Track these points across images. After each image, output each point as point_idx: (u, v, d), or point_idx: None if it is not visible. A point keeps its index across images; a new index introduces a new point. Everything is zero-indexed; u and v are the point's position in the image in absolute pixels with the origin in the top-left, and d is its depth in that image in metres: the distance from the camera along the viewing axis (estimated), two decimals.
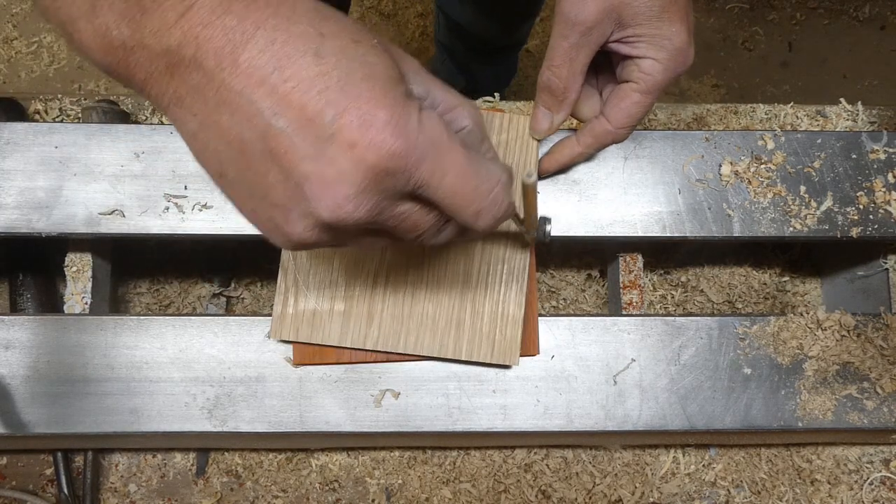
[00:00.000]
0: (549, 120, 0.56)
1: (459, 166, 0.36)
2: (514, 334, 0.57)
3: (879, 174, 0.64)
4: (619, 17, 0.50)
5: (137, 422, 0.58)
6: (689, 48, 0.50)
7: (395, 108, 0.33)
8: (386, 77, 0.34)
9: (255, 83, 0.32)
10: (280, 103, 0.33)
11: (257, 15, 0.33)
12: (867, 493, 0.66)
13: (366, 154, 0.33)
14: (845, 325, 0.61)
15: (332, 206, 0.34)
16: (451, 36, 1.30)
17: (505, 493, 0.66)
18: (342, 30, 0.34)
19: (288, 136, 0.33)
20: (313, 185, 0.33)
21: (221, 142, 0.34)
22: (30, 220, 0.60)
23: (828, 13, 1.83)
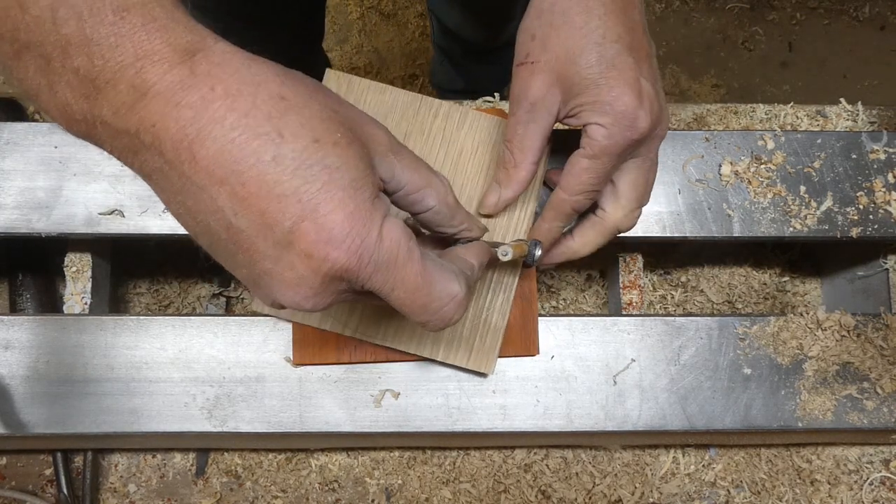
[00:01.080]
0: (496, 195, 0.55)
1: (410, 283, 0.37)
2: (493, 343, 0.57)
3: (879, 174, 0.64)
4: (562, 91, 0.49)
5: (137, 422, 0.58)
6: (638, 111, 0.47)
7: (353, 223, 0.34)
8: (347, 182, 0.34)
9: (216, 182, 0.33)
10: (241, 205, 0.33)
11: (214, 108, 0.32)
12: (867, 493, 0.66)
13: (321, 266, 0.34)
14: (845, 325, 0.61)
15: (293, 301, 0.35)
16: (446, 39, 1.30)
17: (505, 494, 0.66)
18: (302, 126, 0.34)
19: (249, 235, 0.33)
20: (273, 282, 0.35)
21: (189, 218, 0.35)
22: (30, 220, 0.60)
23: (828, 13, 1.83)
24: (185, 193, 0.34)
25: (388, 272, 0.36)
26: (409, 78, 1.74)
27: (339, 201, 0.33)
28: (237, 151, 0.32)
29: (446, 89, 1.50)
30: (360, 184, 0.35)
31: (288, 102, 0.34)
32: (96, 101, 0.32)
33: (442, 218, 0.43)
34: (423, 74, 1.74)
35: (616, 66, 0.47)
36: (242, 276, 0.36)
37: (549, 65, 0.48)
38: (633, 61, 0.47)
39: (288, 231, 0.33)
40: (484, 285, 0.57)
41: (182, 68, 0.32)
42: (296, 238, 0.33)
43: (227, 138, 0.32)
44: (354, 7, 1.78)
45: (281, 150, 0.33)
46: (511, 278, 0.58)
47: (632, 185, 0.52)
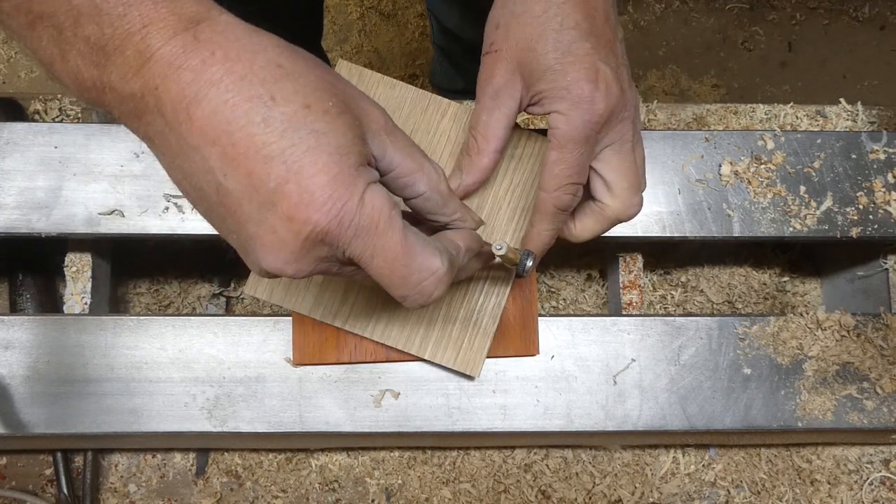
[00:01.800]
0: (457, 181, 0.54)
1: (390, 252, 0.38)
2: (481, 346, 0.57)
3: (879, 174, 0.64)
4: (523, 79, 0.49)
5: (137, 422, 0.58)
6: (594, 94, 0.46)
7: (335, 186, 0.35)
8: (334, 148, 0.35)
9: (208, 142, 0.34)
10: (230, 166, 0.34)
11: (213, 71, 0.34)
12: (867, 493, 0.66)
13: (301, 227, 0.35)
14: (845, 325, 0.61)
15: (274, 266, 0.36)
16: (446, 39, 1.30)
17: (505, 494, 0.66)
18: (295, 92, 0.35)
19: (236, 197, 0.35)
20: (256, 245, 0.36)
21: (185, 183, 0.36)
22: (30, 220, 0.60)
23: (828, 13, 1.83)
24: (182, 155, 0.35)
25: (368, 238, 0.37)
26: (409, 78, 1.74)
27: (322, 165, 0.34)
28: (229, 112, 0.33)
29: (446, 89, 1.50)
30: (346, 150, 0.36)
31: (284, 70, 0.35)
32: (105, 68, 0.34)
33: (433, 205, 0.44)
34: (423, 74, 1.74)
35: (572, 52, 0.47)
36: (233, 241, 0.38)
37: (511, 52, 0.49)
38: (589, 46, 0.47)
39: (272, 192, 0.34)
40: (477, 287, 0.57)
41: (186, 35, 0.34)
42: (279, 199, 0.34)
43: (222, 99, 0.33)
44: (354, 7, 1.78)
45: (271, 112, 0.34)
46: (504, 282, 0.57)
47: (619, 173, 0.50)
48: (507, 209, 0.58)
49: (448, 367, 0.58)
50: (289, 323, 0.59)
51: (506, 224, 0.58)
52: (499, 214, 0.58)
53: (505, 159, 0.59)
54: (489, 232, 0.58)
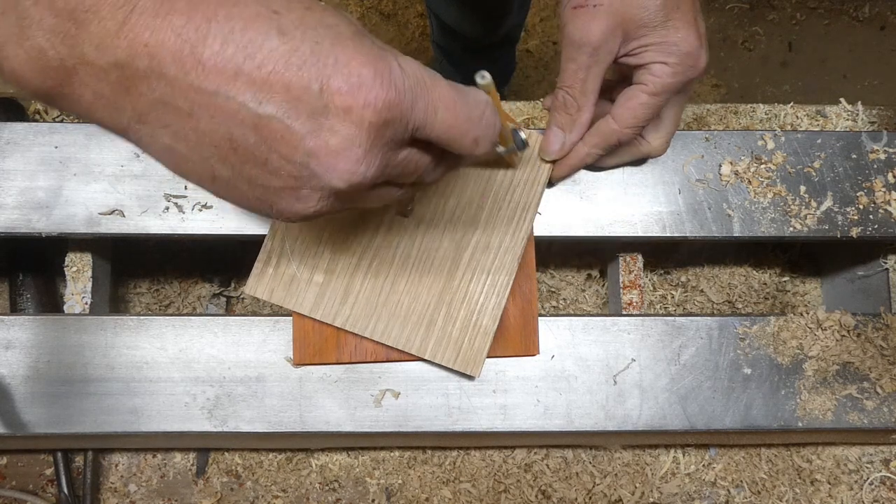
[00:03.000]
0: (560, 140, 0.57)
1: (448, 99, 0.37)
2: (481, 345, 0.57)
3: (879, 174, 0.64)
4: (624, 32, 0.50)
5: (137, 422, 0.58)
6: (701, 51, 0.51)
7: (374, 62, 0.33)
8: (352, 34, 0.34)
9: (228, 78, 0.31)
10: (262, 90, 0.32)
11: (204, 7, 0.31)
12: (867, 493, 0.66)
13: (363, 113, 0.33)
14: (845, 325, 0.61)
15: (345, 172, 0.34)
16: (445, 37, 1.31)
17: (505, 493, 0.66)
18: (290, 0, 0.33)
19: (280, 119, 0.32)
20: (320, 158, 0.33)
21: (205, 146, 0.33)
22: (30, 220, 0.60)
23: (828, 13, 1.83)
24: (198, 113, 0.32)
25: (425, 94, 0.36)
26: None
27: (353, 49, 0.33)
28: (242, 38, 0.31)
29: None
30: (361, 33, 0.35)
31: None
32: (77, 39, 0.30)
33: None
34: None
35: (680, 8, 0.50)
36: (275, 190, 0.34)
37: (613, 7, 0.50)
38: (691, 2, 0.50)
39: (318, 93, 0.32)
40: (477, 287, 0.58)
41: None
42: (329, 98, 0.32)
43: (227, 29, 0.31)
44: (354, 7, 1.78)
45: (282, 22, 0.32)
46: (505, 282, 0.58)
47: (673, 117, 0.56)
48: (508, 208, 0.58)
49: (448, 367, 0.58)
50: (289, 323, 0.59)
51: (506, 223, 0.58)
52: (499, 214, 0.58)
53: (506, 158, 0.59)
54: (489, 233, 0.58)
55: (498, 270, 0.57)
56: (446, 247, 0.58)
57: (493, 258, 0.58)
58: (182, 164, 0.34)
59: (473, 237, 0.58)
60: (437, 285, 0.57)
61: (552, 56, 1.76)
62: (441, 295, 0.57)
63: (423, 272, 0.58)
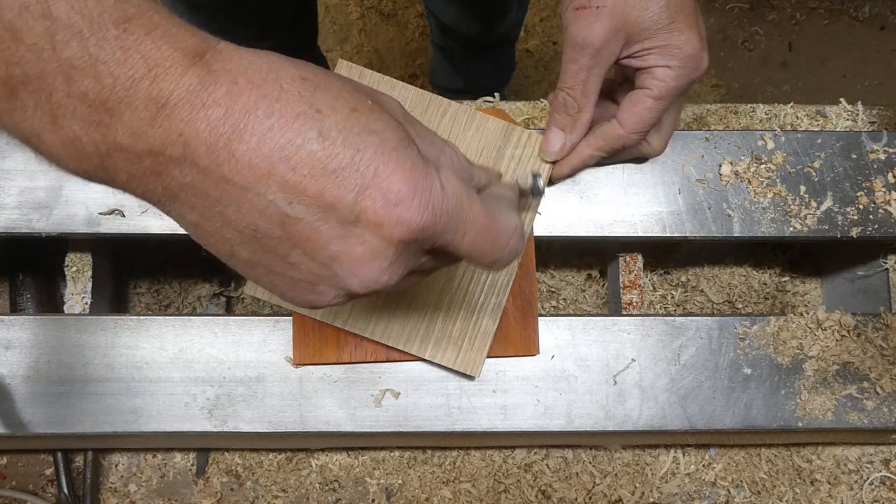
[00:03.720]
0: (561, 141, 0.57)
1: (480, 225, 0.36)
2: (481, 346, 0.57)
3: (879, 174, 0.64)
4: (626, 35, 0.51)
5: (137, 422, 0.58)
6: (702, 54, 0.51)
7: (415, 179, 0.33)
8: (396, 142, 0.33)
9: (261, 176, 0.31)
10: (294, 193, 0.31)
11: (244, 100, 0.30)
12: (867, 493, 0.66)
13: (394, 231, 0.32)
14: (845, 325, 0.61)
15: (367, 280, 0.34)
16: (444, 36, 1.31)
17: (505, 493, 0.66)
18: (336, 99, 0.33)
19: (309, 223, 0.32)
20: (343, 264, 0.33)
21: (230, 230, 0.33)
22: (30, 220, 0.60)
23: (828, 13, 1.83)
24: (226, 201, 0.31)
25: (459, 218, 0.35)
26: (409, 78, 1.74)
27: (396, 162, 0.32)
28: (280, 137, 0.31)
29: (446, 88, 1.50)
30: (406, 142, 0.34)
31: (311, 82, 0.33)
32: (110, 127, 0.30)
33: (473, 177, 0.43)
34: (422, 74, 1.74)
35: (683, 10, 0.50)
36: (294, 281, 0.34)
37: (616, 9, 0.50)
38: (693, 4, 0.50)
39: (352, 204, 0.31)
40: (477, 287, 0.58)
41: (197, 69, 0.30)
42: (362, 209, 0.32)
43: (265, 126, 0.30)
44: (354, 7, 1.78)
45: (324, 124, 0.31)
46: (504, 282, 0.58)
47: (672, 119, 0.57)
48: None
49: (448, 368, 0.58)
50: (289, 323, 0.59)
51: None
52: None
53: (505, 160, 0.59)
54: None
55: (497, 271, 0.57)
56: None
57: None
58: (206, 238, 0.34)
59: None
60: (437, 286, 0.57)
61: (552, 56, 1.76)
62: (441, 295, 0.57)
63: None
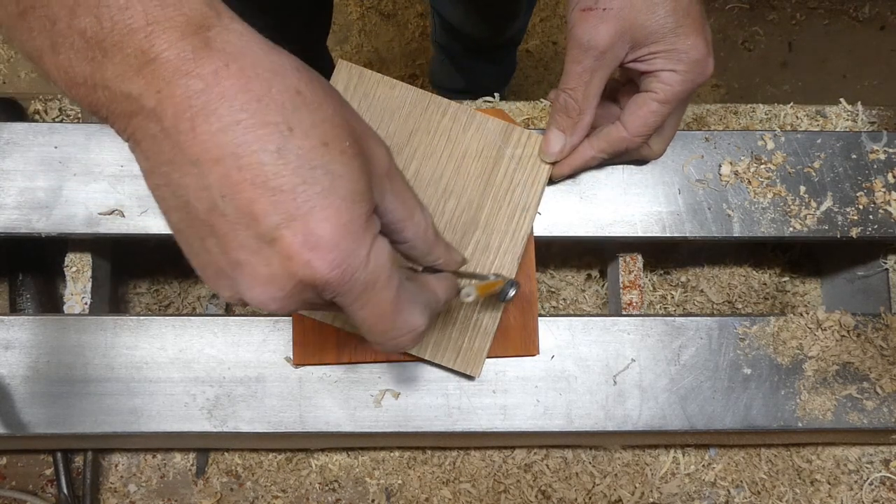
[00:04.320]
0: (561, 142, 0.57)
1: (381, 308, 0.36)
2: (481, 346, 0.57)
3: (879, 174, 0.64)
4: (632, 38, 0.50)
5: (137, 422, 0.58)
6: (708, 58, 0.51)
7: (344, 236, 0.33)
8: (347, 193, 0.33)
9: (210, 159, 0.31)
10: (230, 190, 0.31)
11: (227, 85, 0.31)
12: (867, 493, 0.66)
13: (298, 270, 0.32)
14: (845, 325, 0.61)
15: (257, 299, 0.34)
16: (448, 36, 1.30)
17: (505, 494, 0.66)
18: (314, 126, 0.32)
19: (231, 222, 0.32)
20: (244, 274, 0.33)
21: (168, 191, 0.33)
22: (30, 220, 0.60)
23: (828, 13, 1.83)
24: (174, 165, 0.32)
25: (365, 293, 0.35)
26: (409, 78, 1.74)
27: (335, 210, 0.32)
28: (241, 134, 0.31)
29: (446, 88, 1.50)
30: (359, 198, 0.34)
31: (304, 98, 0.33)
32: (101, 65, 0.31)
33: (417, 252, 0.42)
34: (422, 74, 1.74)
35: (690, 15, 0.49)
36: (204, 262, 0.35)
37: (623, 12, 0.49)
38: (699, 8, 0.50)
39: (274, 227, 0.32)
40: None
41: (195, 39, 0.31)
42: (281, 237, 0.32)
43: (234, 118, 0.31)
44: (354, 7, 1.78)
45: (287, 144, 0.31)
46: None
47: (674, 123, 0.57)
48: (508, 209, 0.58)
49: (448, 368, 0.58)
50: (289, 323, 0.59)
51: (506, 224, 0.58)
52: (499, 214, 0.58)
53: (504, 160, 0.59)
54: (489, 234, 0.58)
55: (498, 271, 0.57)
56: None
57: (492, 259, 0.58)
58: (151, 188, 0.35)
59: (473, 238, 0.58)
60: None
61: (552, 56, 1.76)
62: None
63: None
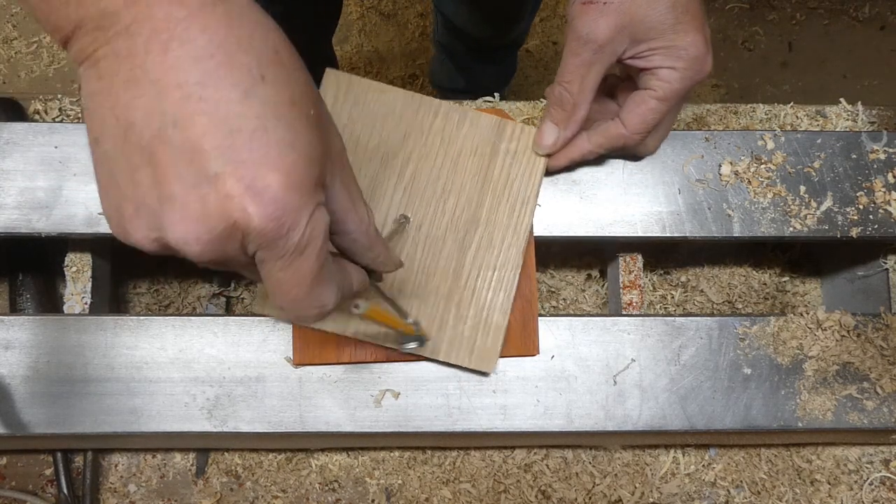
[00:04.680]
0: (555, 135, 0.57)
1: (301, 275, 0.35)
2: (494, 342, 0.57)
3: (879, 174, 0.64)
4: (632, 33, 0.50)
5: (137, 422, 0.58)
6: (707, 56, 0.51)
7: (291, 193, 0.32)
8: (304, 153, 0.32)
9: (172, 83, 0.30)
10: (184, 117, 0.30)
11: (209, 21, 0.30)
12: (867, 493, 0.66)
13: (233, 212, 0.31)
14: (845, 325, 0.61)
15: (180, 237, 0.32)
16: (450, 36, 1.30)
17: (505, 494, 0.66)
18: (286, 84, 0.32)
19: (174, 151, 0.31)
20: (174, 209, 0.31)
21: (112, 114, 0.31)
22: (30, 220, 0.60)
23: (828, 13, 1.83)
24: (130, 83, 0.31)
25: (290, 256, 0.34)
26: (409, 78, 1.74)
27: (288, 164, 0.31)
28: (212, 68, 0.30)
29: (447, 88, 1.50)
30: (314, 161, 0.33)
31: (280, 58, 0.33)
32: None
33: (358, 247, 0.42)
34: (423, 74, 1.74)
35: (689, 11, 0.49)
36: (124, 195, 0.32)
37: (623, 7, 0.49)
38: (699, 5, 0.50)
39: (221, 164, 0.31)
40: (484, 284, 0.57)
41: None
42: (225, 175, 0.31)
43: (207, 51, 0.30)
44: (354, 7, 1.78)
45: (256, 89, 0.31)
46: (511, 276, 0.58)
47: (671, 120, 0.57)
48: (508, 203, 0.58)
49: (462, 367, 0.57)
50: (289, 323, 0.59)
51: (507, 218, 0.58)
52: (499, 209, 0.58)
53: (500, 155, 0.59)
54: (491, 230, 0.58)
55: (503, 266, 0.58)
56: (450, 247, 0.58)
57: (497, 254, 0.58)
58: (91, 114, 0.32)
59: (476, 235, 0.58)
60: (445, 286, 0.57)
61: (552, 56, 1.76)
62: (449, 295, 0.57)
63: (430, 274, 0.58)
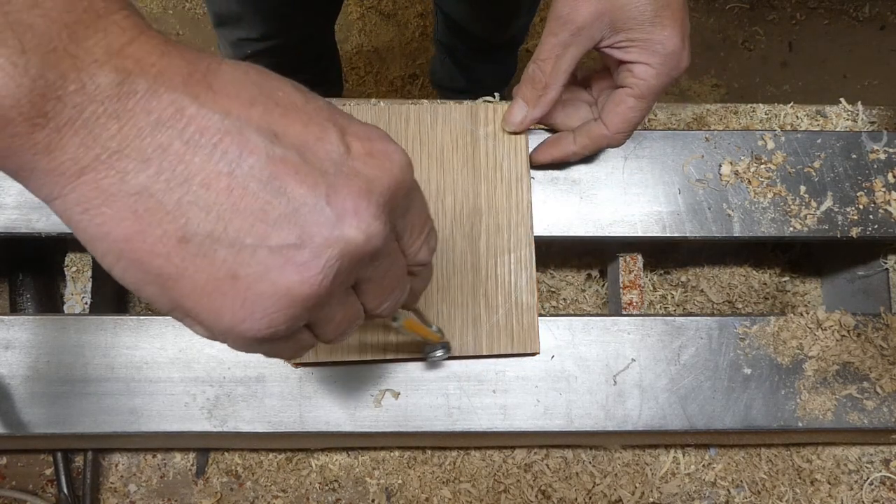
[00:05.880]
0: (523, 113, 0.56)
1: (400, 269, 0.34)
2: (531, 321, 0.58)
3: (879, 174, 0.64)
4: (611, 21, 0.50)
5: (137, 422, 0.58)
6: (683, 52, 0.50)
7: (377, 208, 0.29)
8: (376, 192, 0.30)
9: (244, 103, 0.27)
10: (286, 119, 0.28)
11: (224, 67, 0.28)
12: (867, 493, 0.66)
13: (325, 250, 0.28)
14: (845, 325, 0.61)
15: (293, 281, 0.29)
16: (451, 34, 1.30)
17: (505, 493, 0.66)
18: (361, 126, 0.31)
19: (295, 159, 0.28)
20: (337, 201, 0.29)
21: (190, 192, 0.26)
22: (30, 220, 0.60)
23: (828, 13, 1.83)
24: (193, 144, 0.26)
25: (386, 257, 0.32)
26: (409, 78, 1.74)
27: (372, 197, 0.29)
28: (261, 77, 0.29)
29: (447, 88, 1.50)
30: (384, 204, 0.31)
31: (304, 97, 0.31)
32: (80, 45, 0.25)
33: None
34: (422, 74, 1.74)
35: (670, 6, 0.49)
36: (273, 247, 0.28)
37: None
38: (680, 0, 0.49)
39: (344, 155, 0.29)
40: (504, 269, 0.58)
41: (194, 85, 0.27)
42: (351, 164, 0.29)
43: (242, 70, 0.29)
44: (354, 7, 1.78)
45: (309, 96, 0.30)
46: (528, 253, 0.58)
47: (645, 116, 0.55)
48: (503, 186, 0.59)
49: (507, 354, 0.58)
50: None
51: (507, 199, 0.59)
52: (496, 193, 0.59)
53: (480, 140, 0.59)
54: (495, 215, 0.59)
55: (517, 246, 0.58)
56: (460, 244, 0.58)
57: (507, 237, 0.58)
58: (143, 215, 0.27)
59: (482, 224, 0.58)
60: (467, 283, 0.58)
61: None
62: (474, 290, 0.58)
63: (450, 275, 0.58)
